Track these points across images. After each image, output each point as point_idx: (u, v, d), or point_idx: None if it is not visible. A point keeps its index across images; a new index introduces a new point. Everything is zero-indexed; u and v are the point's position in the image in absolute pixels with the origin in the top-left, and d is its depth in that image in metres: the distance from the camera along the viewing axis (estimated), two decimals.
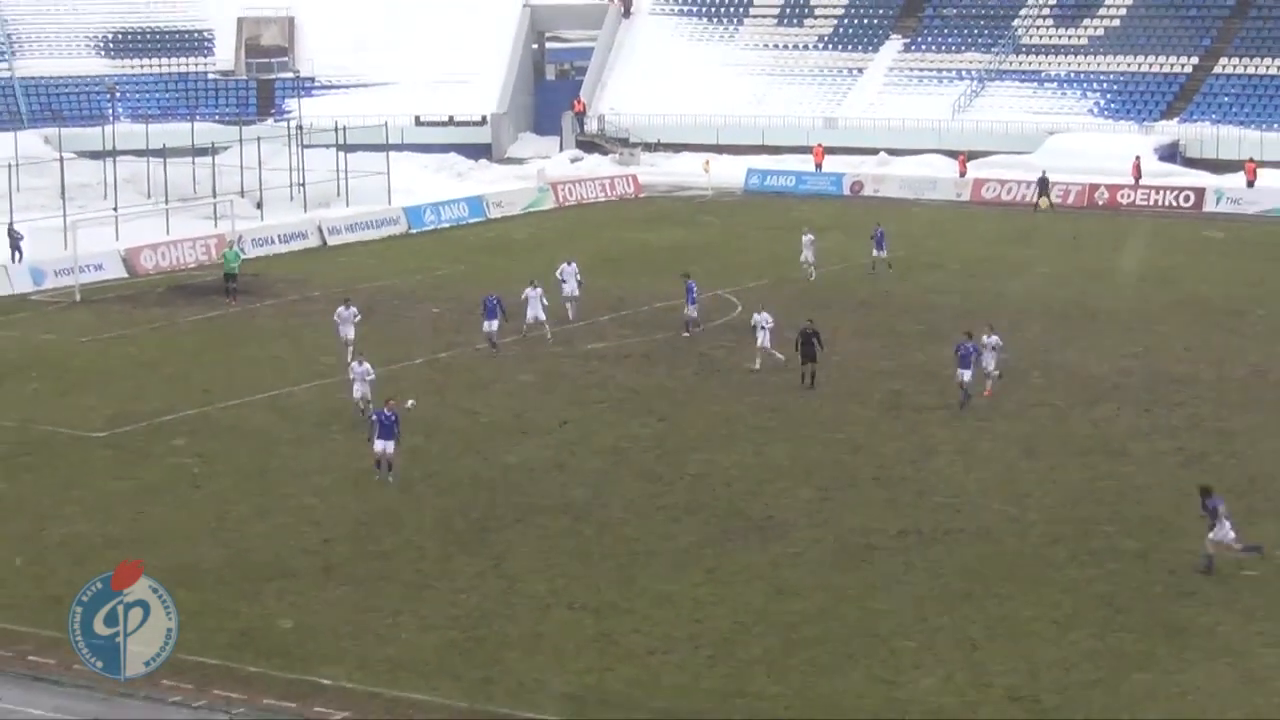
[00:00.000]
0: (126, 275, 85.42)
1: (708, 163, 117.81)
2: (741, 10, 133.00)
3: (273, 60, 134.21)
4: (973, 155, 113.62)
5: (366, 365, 56.56)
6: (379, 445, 50.36)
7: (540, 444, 55.06)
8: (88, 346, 69.72)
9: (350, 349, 61.99)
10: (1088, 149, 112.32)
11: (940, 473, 51.50)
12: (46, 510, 49.06)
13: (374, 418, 51.06)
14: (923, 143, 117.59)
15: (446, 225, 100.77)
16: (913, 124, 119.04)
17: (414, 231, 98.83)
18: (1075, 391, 60.72)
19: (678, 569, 43.63)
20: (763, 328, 60.80)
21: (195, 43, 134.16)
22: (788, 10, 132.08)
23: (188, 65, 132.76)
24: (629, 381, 62.81)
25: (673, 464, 52.54)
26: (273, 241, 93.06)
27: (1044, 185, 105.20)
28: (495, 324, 67.41)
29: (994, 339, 58.36)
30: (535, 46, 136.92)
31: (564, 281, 73.86)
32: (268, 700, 36.54)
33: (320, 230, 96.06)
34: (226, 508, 49.17)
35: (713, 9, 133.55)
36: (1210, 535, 42.86)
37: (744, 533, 46.19)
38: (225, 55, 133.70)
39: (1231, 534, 42.73)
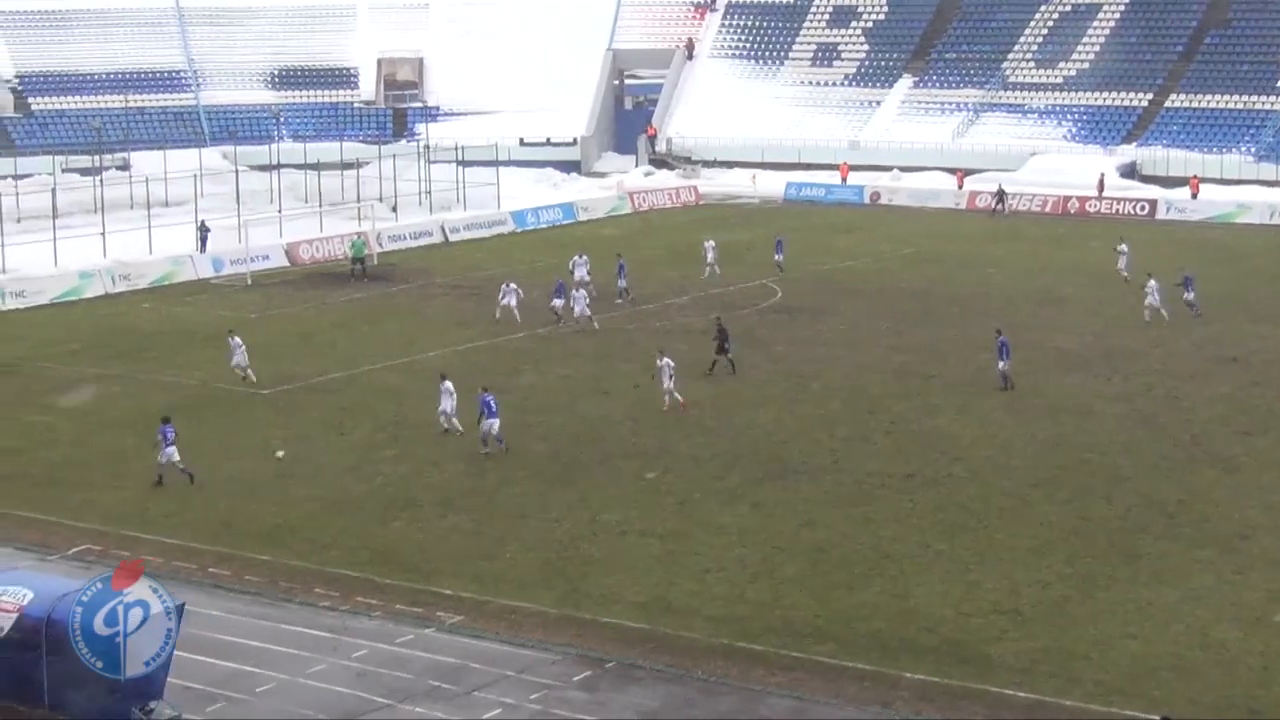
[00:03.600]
0: (288, 264, 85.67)
1: (754, 176, 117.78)
2: (782, 54, 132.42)
3: (405, 92, 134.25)
4: (968, 172, 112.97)
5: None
6: (489, 422, 48.07)
7: (617, 402, 55.02)
8: (256, 321, 69.91)
9: (245, 372, 57.30)
10: (1062, 167, 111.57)
11: (940, 428, 51.27)
12: (222, 451, 49.30)
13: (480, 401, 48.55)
14: (928, 161, 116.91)
15: (544, 226, 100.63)
16: (920, 146, 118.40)
17: (518, 231, 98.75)
18: (1048, 362, 60.32)
19: (727, 504, 43.61)
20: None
21: (344, 78, 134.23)
22: (820, 54, 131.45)
23: (337, 96, 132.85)
24: (688, 352, 62.62)
25: (723, 419, 52.44)
26: (405, 238, 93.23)
27: (1001, 195, 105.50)
28: (561, 301, 68.05)
29: (666, 361, 53.54)
30: (616, 82, 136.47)
31: (574, 270, 74.27)
32: (399, 606, 36.69)
33: (443, 229, 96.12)
34: (366, 451, 49.33)
35: (759, 53, 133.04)
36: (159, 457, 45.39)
37: (780, 475, 46.13)
38: (368, 88, 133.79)
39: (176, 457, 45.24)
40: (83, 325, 69.92)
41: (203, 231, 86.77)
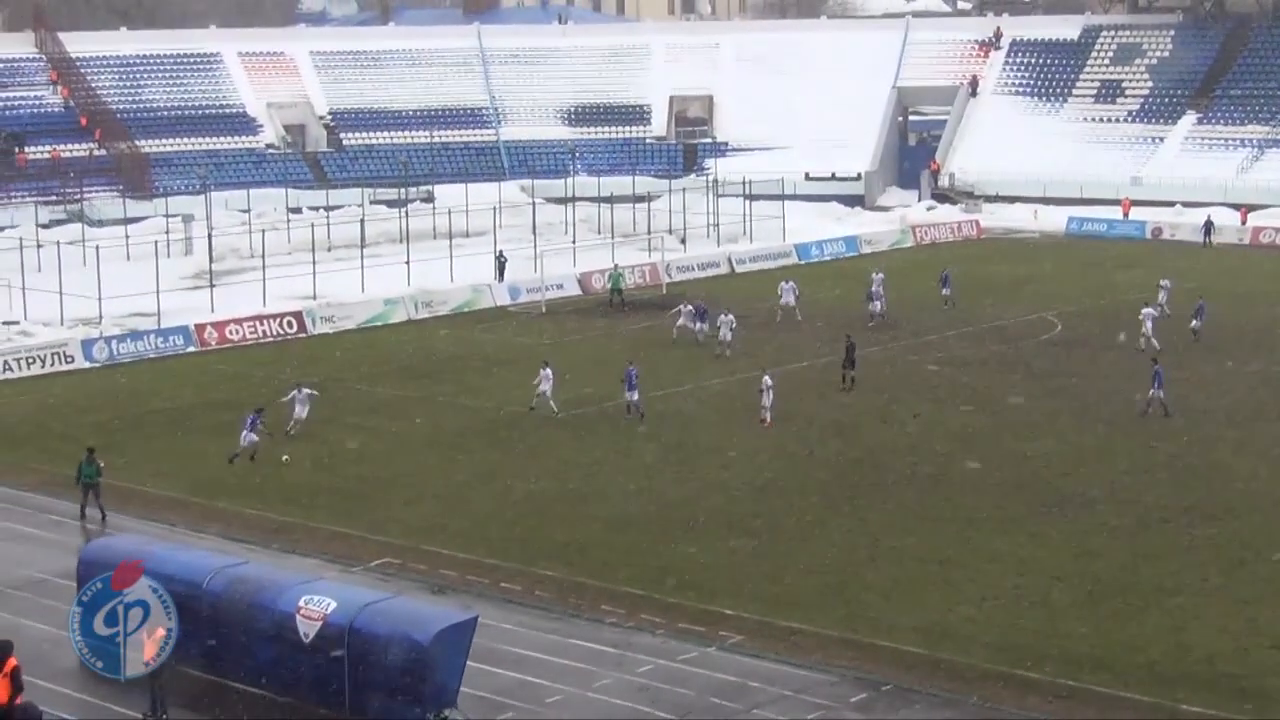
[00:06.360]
0: (580, 293, 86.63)
1: (1036, 211, 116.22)
2: (1066, 90, 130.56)
3: (695, 129, 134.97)
4: (1253, 208, 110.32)
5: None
6: (630, 395, 55.85)
7: (897, 431, 54.69)
8: (549, 347, 70.75)
9: (295, 423, 54.30)
10: None
11: (1220, 461, 50.06)
12: (516, 472, 50.03)
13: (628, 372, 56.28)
14: (1211, 197, 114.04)
15: (828, 258, 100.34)
16: (1204, 182, 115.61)
17: (802, 263, 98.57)
18: None
19: (1005, 533, 43.06)
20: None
21: (637, 115, 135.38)
22: (1103, 91, 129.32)
23: (631, 132, 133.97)
24: (969, 383, 62.08)
25: (1001, 449, 51.83)
26: (693, 269, 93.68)
27: (1209, 228, 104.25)
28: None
29: (767, 378, 55.37)
30: (900, 119, 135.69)
31: (782, 295, 76.24)
32: (682, 624, 36.84)
33: (730, 260, 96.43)
34: (654, 473, 49.68)
35: (1043, 90, 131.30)
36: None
37: (1059, 505, 45.42)
38: (659, 125, 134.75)
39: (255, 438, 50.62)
40: (387, 349, 71.48)
41: (501, 261, 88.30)
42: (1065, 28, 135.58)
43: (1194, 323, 69.53)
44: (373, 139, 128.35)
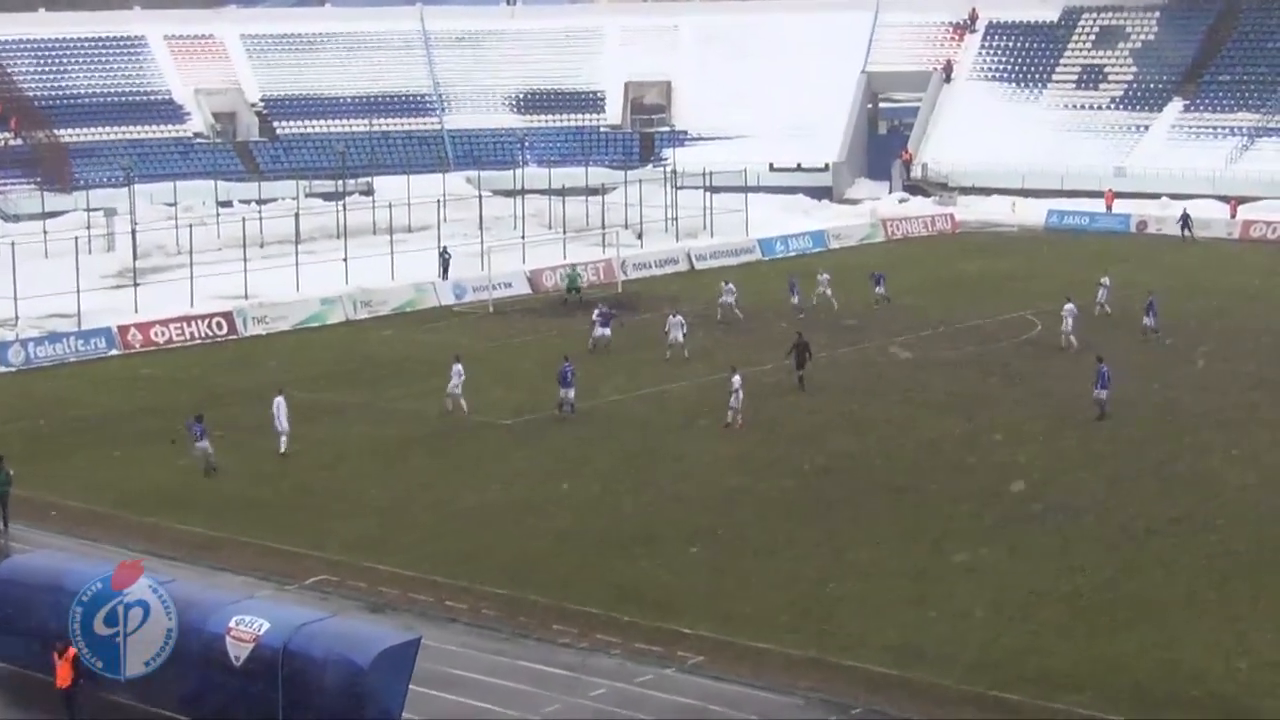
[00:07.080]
0: (530, 292, 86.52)
1: (1014, 204, 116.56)
2: (1045, 76, 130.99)
3: (653, 117, 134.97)
4: (1242, 200, 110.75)
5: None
6: (565, 392, 57.12)
7: (867, 437, 54.70)
8: (498, 349, 70.65)
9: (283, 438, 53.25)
10: None
11: (1211, 469, 50.19)
12: (461, 482, 49.92)
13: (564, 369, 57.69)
14: (1199, 189, 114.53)
15: (794, 254, 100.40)
16: (1191, 173, 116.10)
17: (766, 259, 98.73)
18: None
19: (983, 544, 43.06)
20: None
21: (590, 102, 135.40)
22: (1085, 76, 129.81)
23: (584, 120, 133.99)
24: (943, 386, 62.14)
25: (979, 456, 51.89)
26: (650, 266, 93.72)
27: (1186, 220, 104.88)
28: (607, 331, 70.27)
29: (738, 378, 55.66)
30: (870, 106, 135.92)
31: (721, 296, 77.40)
32: (638, 644, 36.74)
33: (689, 256, 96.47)
34: (608, 483, 49.57)
35: (1021, 75, 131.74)
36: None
37: (1040, 515, 45.46)
38: (614, 112, 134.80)
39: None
40: (324, 352, 71.25)
41: (445, 258, 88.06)
42: (1044, 9, 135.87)
43: (1146, 320, 70.04)
44: (308, 128, 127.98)
